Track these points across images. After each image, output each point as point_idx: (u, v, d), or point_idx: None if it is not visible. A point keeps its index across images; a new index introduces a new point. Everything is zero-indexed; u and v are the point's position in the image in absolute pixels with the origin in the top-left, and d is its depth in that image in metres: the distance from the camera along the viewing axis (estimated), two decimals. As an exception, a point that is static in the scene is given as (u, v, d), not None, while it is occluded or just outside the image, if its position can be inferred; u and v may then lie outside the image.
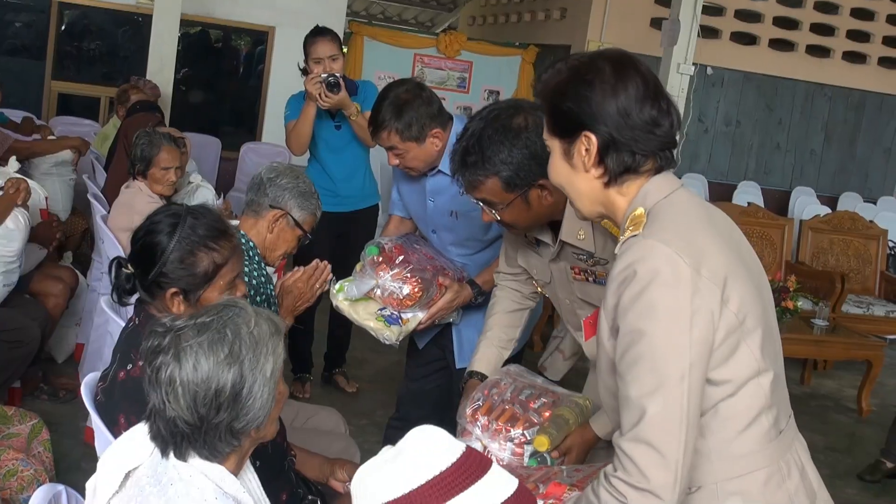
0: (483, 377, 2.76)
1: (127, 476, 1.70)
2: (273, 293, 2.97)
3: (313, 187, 3.08)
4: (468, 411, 2.51)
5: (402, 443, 1.52)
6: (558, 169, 1.90)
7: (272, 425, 1.79)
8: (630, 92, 1.78)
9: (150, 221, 2.33)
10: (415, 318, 3.21)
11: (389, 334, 3.15)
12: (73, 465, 3.98)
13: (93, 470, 1.78)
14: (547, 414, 2.46)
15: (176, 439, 1.67)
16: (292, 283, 2.95)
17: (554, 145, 1.89)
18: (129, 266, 2.30)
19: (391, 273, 3.15)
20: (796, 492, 1.83)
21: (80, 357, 5.04)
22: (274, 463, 2.35)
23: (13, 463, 2.84)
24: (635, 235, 1.74)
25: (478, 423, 2.49)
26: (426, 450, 1.47)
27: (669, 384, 1.66)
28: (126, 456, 1.73)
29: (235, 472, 1.75)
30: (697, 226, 1.78)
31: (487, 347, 2.84)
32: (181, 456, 1.67)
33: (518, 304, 2.88)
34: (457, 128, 3.17)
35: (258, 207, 2.97)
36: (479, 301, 3.25)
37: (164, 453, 1.68)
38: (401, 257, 3.19)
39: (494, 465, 1.50)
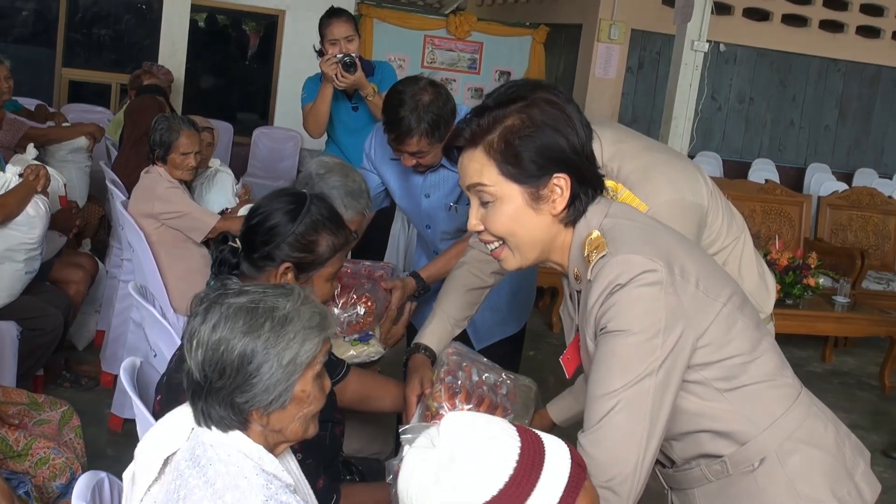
0: (429, 352, 2.63)
1: (166, 462, 1.68)
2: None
3: (364, 184, 3.03)
4: (444, 396, 2.40)
5: (445, 441, 1.43)
6: (516, 216, 1.80)
7: (295, 423, 1.73)
8: (578, 128, 1.79)
9: (271, 198, 2.36)
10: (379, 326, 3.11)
11: (373, 349, 3.02)
12: (100, 452, 3.98)
13: (119, 457, 1.77)
14: (510, 401, 2.43)
15: (190, 393, 1.68)
16: None
17: (511, 192, 1.79)
18: (237, 241, 2.31)
19: (339, 304, 3.04)
20: (836, 432, 1.86)
21: (100, 344, 5.04)
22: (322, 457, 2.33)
23: (45, 451, 2.83)
24: (604, 256, 1.73)
25: (458, 410, 2.42)
26: (486, 444, 1.41)
27: (636, 382, 1.68)
28: (163, 442, 1.71)
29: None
30: (652, 230, 1.82)
31: (441, 322, 2.68)
32: (201, 415, 1.67)
33: (480, 281, 2.68)
34: (460, 116, 3.13)
35: None
36: (423, 294, 3.14)
37: (193, 409, 1.69)
38: (337, 288, 3.04)
39: (542, 434, 1.47)
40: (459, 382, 2.41)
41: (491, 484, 1.37)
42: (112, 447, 4.13)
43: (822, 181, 9.71)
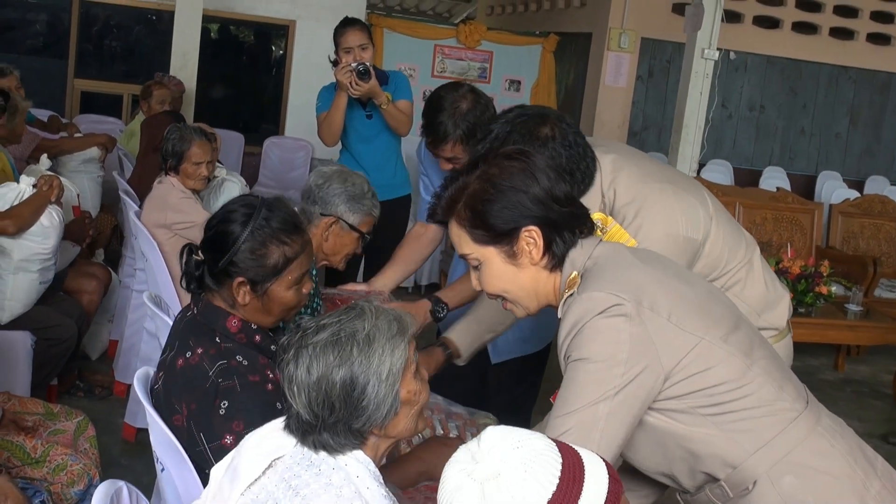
0: (445, 348, 2.68)
1: (271, 465, 1.71)
2: (320, 304, 2.95)
3: (366, 185, 3.04)
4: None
5: (489, 455, 1.41)
6: (501, 275, 1.90)
7: (407, 422, 1.78)
8: (540, 176, 1.86)
9: (224, 210, 2.33)
10: None
11: None
12: (113, 461, 3.98)
13: (132, 466, 1.77)
14: None
15: (303, 430, 1.72)
16: None
17: (488, 254, 1.89)
18: (200, 253, 2.30)
19: None
20: (849, 451, 1.85)
21: (113, 354, 5.05)
22: None
23: (62, 458, 2.83)
24: (571, 294, 1.81)
25: None
26: (530, 460, 1.40)
27: (589, 406, 1.74)
28: (272, 444, 1.73)
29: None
30: (626, 267, 1.86)
31: (471, 325, 2.71)
32: (313, 446, 1.71)
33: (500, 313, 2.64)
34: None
35: (310, 216, 2.97)
36: (441, 316, 3.02)
37: (303, 443, 1.73)
38: None
39: (578, 448, 1.46)
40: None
41: (537, 499, 1.37)
42: (125, 456, 4.14)
43: (833, 189, 9.68)
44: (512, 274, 1.89)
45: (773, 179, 9.72)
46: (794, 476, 1.80)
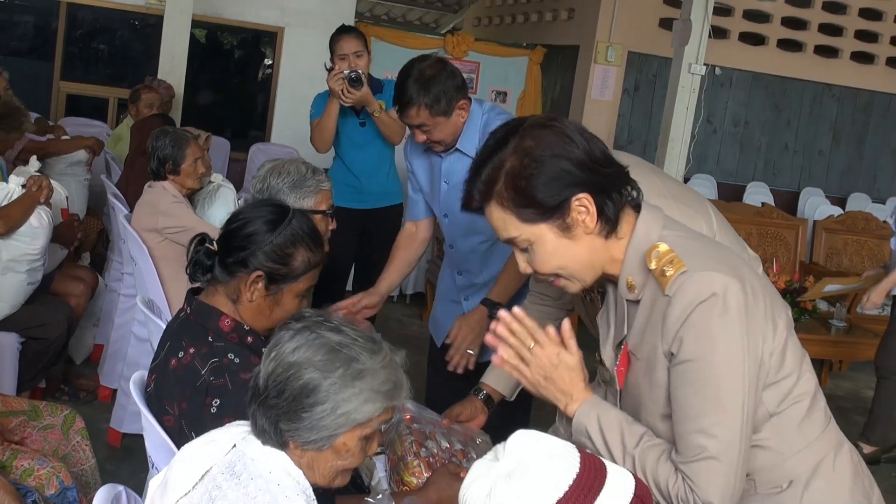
0: (484, 394, 2.67)
1: (202, 477, 1.68)
2: None
3: (303, 166, 3.09)
4: (424, 469, 2.37)
5: (510, 456, 1.46)
6: (556, 251, 1.77)
7: (325, 469, 1.73)
8: (577, 138, 1.74)
9: (255, 205, 2.37)
10: None
11: None
12: (98, 466, 3.93)
13: (118, 472, 1.77)
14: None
15: (250, 395, 1.72)
16: None
17: (539, 232, 1.76)
18: (214, 243, 2.32)
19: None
20: (862, 468, 1.89)
21: (98, 358, 5.02)
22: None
23: (28, 462, 2.74)
24: (684, 272, 1.69)
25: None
26: (543, 464, 1.42)
27: (731, 412, 1.67)
28: (203, 456, 1.71)
29: None
30: (717, 247, 1.82)
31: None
32: (252, 418, 1.70)
33: (547, 318, 2.59)
34: (474, 108, 3.20)
35: None
36: (495, 314, 3.07)
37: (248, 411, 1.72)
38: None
39: (609, 464, 1.47)
40: (435, 451, 2.42)
41: (544, 501, 1.37)
42: (111, 462, 4.10)
43: (816, 205, 9.75)
44: (567, 248, 1.76)
45: (757, 195, 9.78)
46: (824, 481, 1.80)
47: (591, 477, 1.42)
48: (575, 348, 1.82)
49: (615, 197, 1.76)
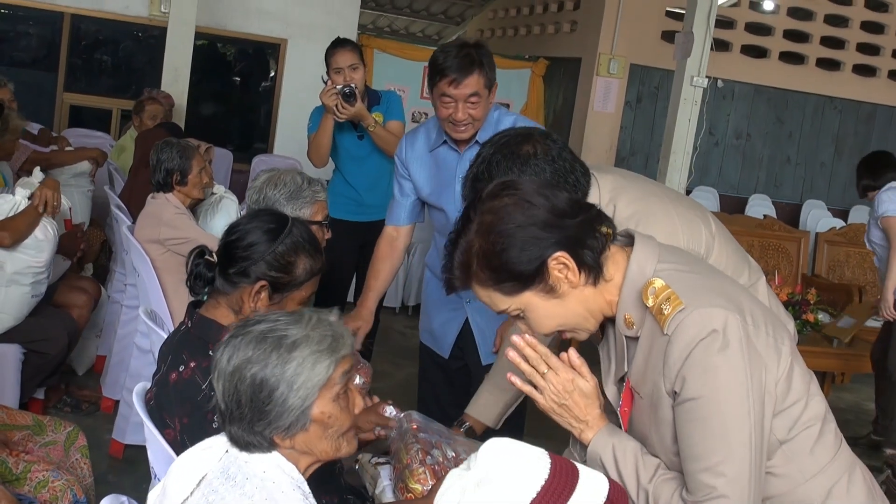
0: (466, 426, 2.67)
1: (199, 483, 1.69)
2: None
3: (298, 176, 3.08)
4: (429, 477, 2.34)
5: (480, 464, 1.48)
6: (548, 313, 1.78)
7: (324, 443, 1.74)
8: (536, 199, 1.74)
9: (253, 216, 2.38)
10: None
11: None
12: (100, 478, 3.92)
13: (120, 483, 1.78)
14: None
15: (221, 420, 1.72)
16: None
17: (526, 300, 1.77)
18: (213, 255, 2.34)
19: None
20: (875, 489, 1.86)
21: (100, 369, 5.01)
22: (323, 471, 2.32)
23: (44, 474, 2.78)
24: (682, 310, 1.68)
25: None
26: (512, 471, 1.43)
27: (738, 449, 1.66)
28: (198, 463, 1.72)
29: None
30: (712, 277, 1.80)
31: (489, 394, 2.67)
32: (231, 439, 1.70)
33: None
34: (491, 113, 3.18)
35: None
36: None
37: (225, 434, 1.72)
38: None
39: (581, 468, 1.48)
40: (441, 460, 2.40)
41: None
42: (113, 473, 4.09)
43: (818, 218, 9.75)
44: (559, 307, 1.77)
45: (759, 207, 9.79)
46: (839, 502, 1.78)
47: (561, 482, 1.43)
48: (589, 374, 1.83)
49: (591, 243, 1.75)
